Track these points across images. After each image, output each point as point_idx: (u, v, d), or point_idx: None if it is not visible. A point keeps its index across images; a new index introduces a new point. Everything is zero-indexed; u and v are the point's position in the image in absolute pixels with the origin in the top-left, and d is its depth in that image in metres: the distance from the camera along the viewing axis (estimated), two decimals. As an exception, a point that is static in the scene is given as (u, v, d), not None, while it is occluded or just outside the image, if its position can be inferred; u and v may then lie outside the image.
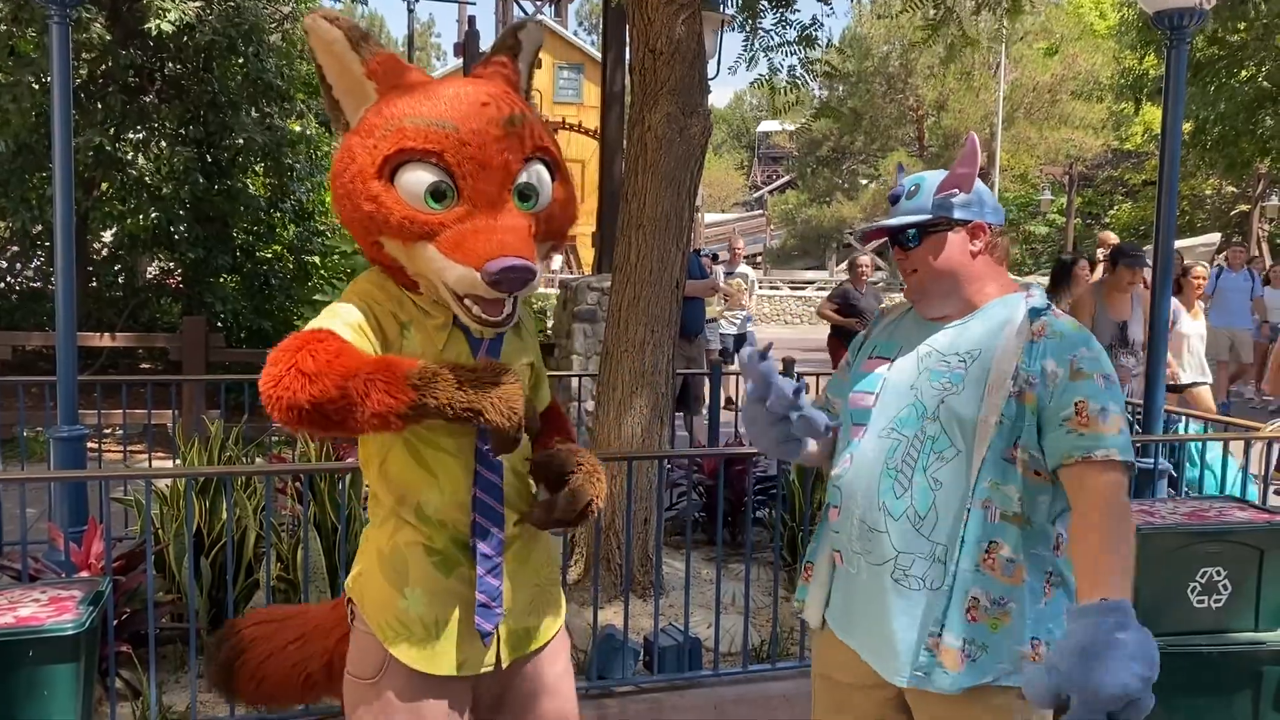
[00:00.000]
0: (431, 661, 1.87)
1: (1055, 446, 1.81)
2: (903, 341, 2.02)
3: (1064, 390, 1.82)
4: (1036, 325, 1.88)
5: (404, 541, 1.89)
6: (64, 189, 3.98)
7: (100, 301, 9.66)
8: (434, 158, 1.76)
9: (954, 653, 1.82)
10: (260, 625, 2.24)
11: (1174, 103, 4.18)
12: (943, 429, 1.87)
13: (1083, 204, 35.15)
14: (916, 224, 1.96)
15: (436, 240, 1.76)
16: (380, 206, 1.77)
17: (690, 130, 4.25)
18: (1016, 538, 1.84)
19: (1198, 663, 3.43)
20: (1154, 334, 4.30)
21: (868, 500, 1.92)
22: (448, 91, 1.83)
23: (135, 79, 9.03)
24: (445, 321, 1.88)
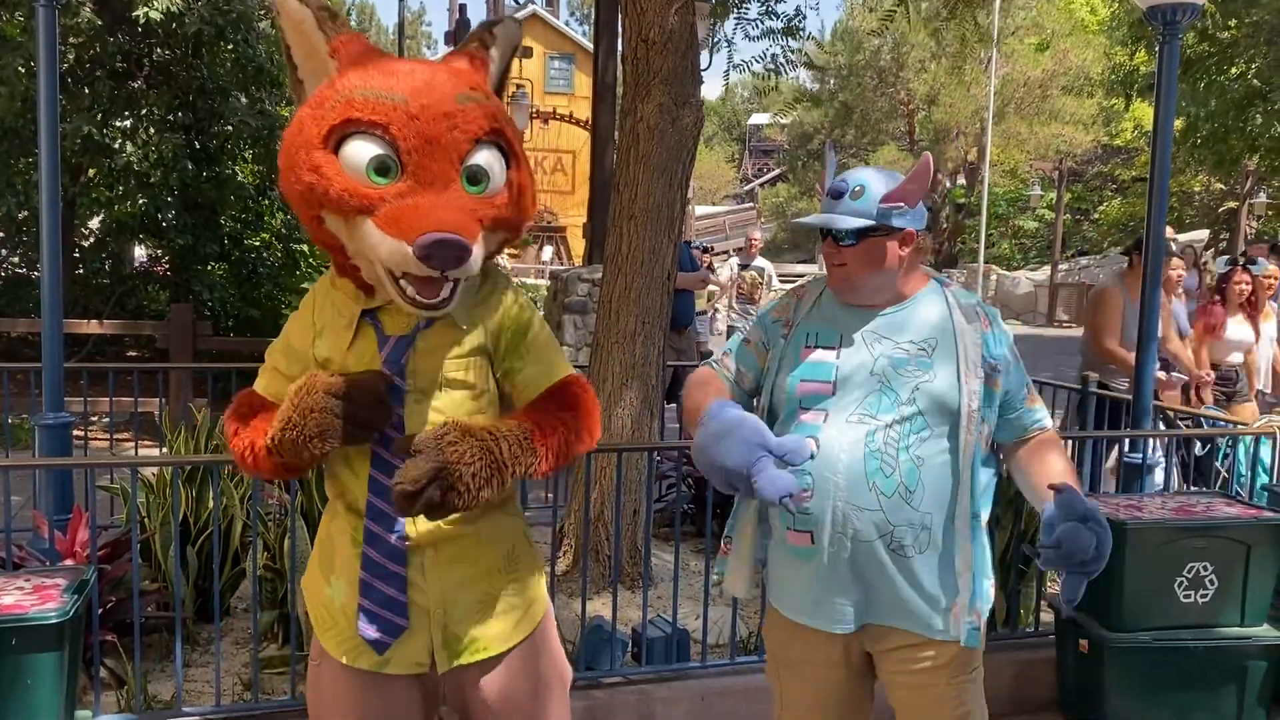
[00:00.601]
0: (352, 655, 1.85)
1: (1019, 422, 2.18)
2: (842, 329, 2.16)
3: (1018, 373, 2.17)
4: (983, 316, 2.15)
5: (336, 530, 1.89)
6: (50, 175, 3.94)
7: (87, 288, 9.61)
8: (380, 129, 1.70)
9: (979, 612, 2.10)
10: None
11: (1165, 98, 4.19)
12: (919, 412, 2.06)
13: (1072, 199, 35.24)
14: (857, 229, 2.09)
15: (375, 215, 1.70)
16: (321, 177, 1.71)
17: (682, 121, 4.24)
18: (988, 503, 2.16)
19: (1184, 658, 3.45)
20: (1143, 331, 4.30)
21: (853, 482, 2.04)
22: (402, 67, 1.80)
23: (123, 65, 8.97)
24: (351, 319, 1.83)
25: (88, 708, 2.96)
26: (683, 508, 4.85)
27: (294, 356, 1.90)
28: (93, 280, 9.78)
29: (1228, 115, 14.52)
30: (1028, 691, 3.82)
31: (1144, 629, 3.44)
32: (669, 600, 3.70)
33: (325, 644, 1.87)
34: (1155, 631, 3.45)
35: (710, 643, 3.71)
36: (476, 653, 1.90)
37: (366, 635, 1.82)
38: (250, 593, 3.41)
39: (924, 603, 2.09)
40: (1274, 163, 17.23)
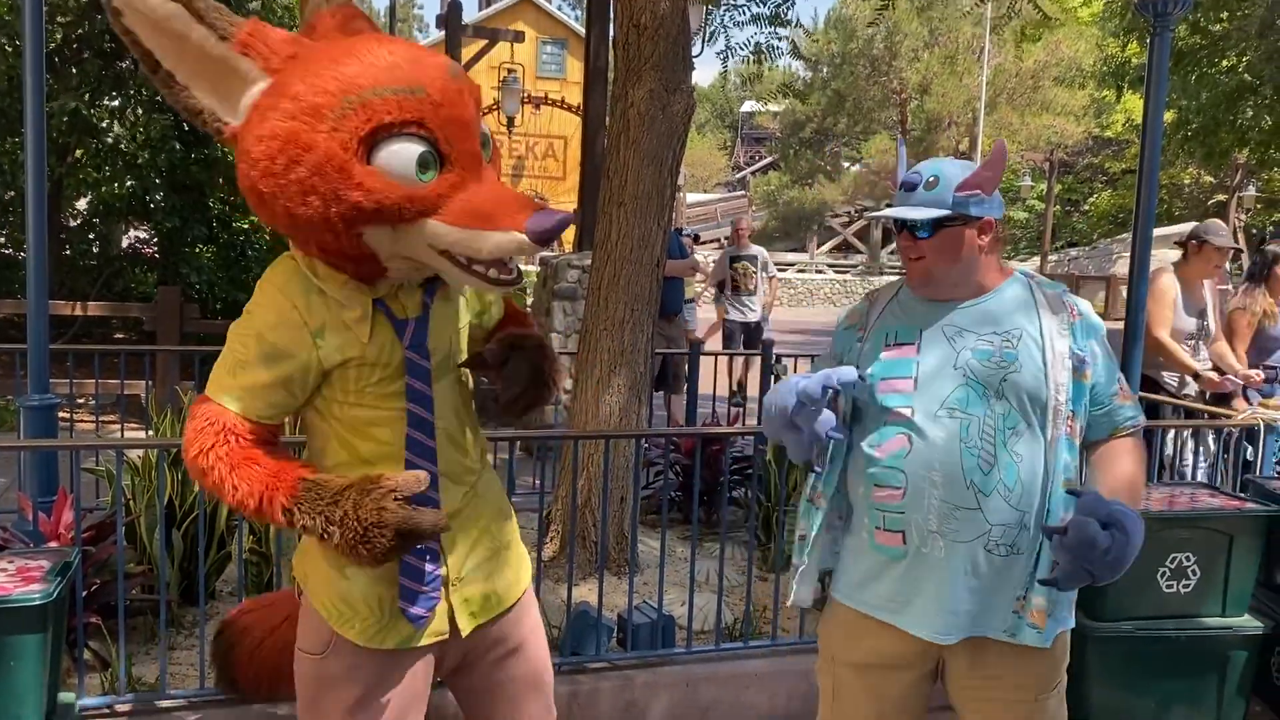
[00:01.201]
0: (377, 638, 1.86)
1: (1109, 419, 2.09)
2: (920, 324, 2.12)
3: (1109, 367, 2.09)
4: (1069, 307, 2.09)
5: None
6: (36, 155, 3.91)
7: (74, 270, 9.55)
8: (414, 127, 1.62)
9: (1040, 612, 2.02)
10: (248, 614, 2.24)
11: (1156, 90, 4.19)
12: (1012, 406, 2.02)
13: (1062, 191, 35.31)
14: (932, 220, 2.05)
15: (440, 214, 1.66)
16: (371, 192, 1.61)
17: (673, 107, 4.23)
18: (1071, 503, 2.00)
19: (1166, 647, 3.47)
20: (1129, 323, 4.32)
21: (951, 480, 2.00)
22: (384, 54, 1.66)
23: (111, 44, 8.89)
24: (365, 312, 1.79)
25: (71, 690, 2.95)
26: (670, 495, 4.86)
27: (280, 364, 1.76)
28: (80, 261, 9.71)
29: (1218, 108, 14.56)
30: (1011, 680, 3.84)
31: (1126, 619, 3.46)
32: (655, 587, 3.71)
33: (346, 634, 1.85)
34: (1138, 621, 3.47)
35: (696, 629, 3.73)
36: (493, 609, 1.98)
37: (411, 614, 1.85)
38: (235, 576, 3.40)
39: (1014, 609, 2.03)
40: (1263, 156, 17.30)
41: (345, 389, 1.81)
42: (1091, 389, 2.05)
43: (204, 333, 8.27)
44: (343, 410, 1.82)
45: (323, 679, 1.89)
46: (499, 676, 2.04)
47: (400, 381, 1.82)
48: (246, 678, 2.21)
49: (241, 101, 1.67)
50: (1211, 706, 3.54)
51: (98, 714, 3.02)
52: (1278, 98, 13.95)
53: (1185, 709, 3.54)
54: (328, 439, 1.85)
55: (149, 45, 1.63)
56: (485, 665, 2.03)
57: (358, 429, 1.83)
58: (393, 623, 1.86)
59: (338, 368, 1.78)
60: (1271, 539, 3.61)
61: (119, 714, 3.04)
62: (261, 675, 2.21)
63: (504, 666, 2.04)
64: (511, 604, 2.03)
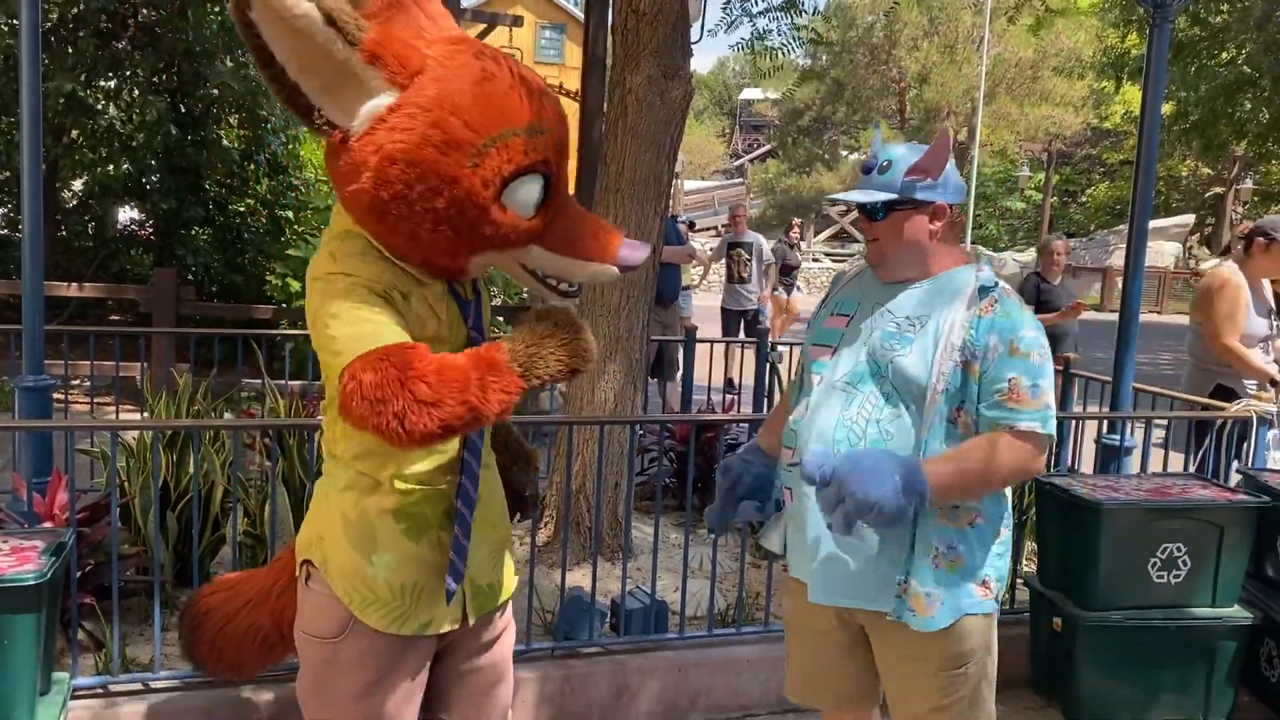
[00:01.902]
0: (398, 624, 1.88)
1: (988, 416, 2.06)
2: (861, 299, 2.23)
3: (1000, 365, 2.04)
4: (985, 301, 2.08)
5: (373, 509, 1.87)
6: (32, 135, 3.89)
7: (69, 251, 9.52)
8: (542, 166, 1.73)
9: (921, 598, 2.08)
10: (214, 595, 2.26)
11: (1155, 82, 4.18)
12: (894, 387, 2.09)
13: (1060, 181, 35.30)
14: (883, 202, 2.13)
15: (543, 240, 1.78)
16: (500, 228, 1.72)
17: (671, 94, 4.22)
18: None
19: (1155, 637, 3.50)
20: (1124, 317, 4.32)
21: (821, 446, 2.10)
22: (512, 88, 1.70)
23: (108, 25, 8.85)
24: (443, 289, 1.85)
25: (65, 670, 2.96)
26: (664, 481, 4.86)
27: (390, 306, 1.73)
28: (75, 243, 9.69)
29: (1217, 100, 14.55)
30: (1000, 668, 3.83)
31: (1116, 608, 3.48)
32: (648, 572, 3.72)
33: (368, 620, 1.86)
34: (1128, 611, 3.49)
35: (688, 615, 3.74)
36: (492, 601, 2.02)
37: (450, 588, 1.89)
38: (229, 558, 3.41)
39: (898, 593, 2.11)
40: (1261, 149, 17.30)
41: None
42: (980, 383, 2.06)
43: (200, 315, 8.26)
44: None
45: (334, 663, 1.89)
46: (469, 666, 2.05)
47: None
48: (210, 658, 2.23)
49: (361, 109, 1.67)
50: (1200, 696, 3.57)
51: (91, 694, 3.03)
52: (1276, 90, 13.94)
53: (1174, 698, 3.56)
54: None
55: (268, 38, 1.59)
56: (461, 655, 2.04)
57: None
58: (414, 609, 1.88)
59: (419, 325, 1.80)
60: (1262, 530, 3.63)
61: (112, 694, 3.05)
62: (225, 658, 2.23)
63: (477, 658, 2.06)
64: (504, 600, 2.07)
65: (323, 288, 1.73)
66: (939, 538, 2.10)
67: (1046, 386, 2.06)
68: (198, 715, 3.06)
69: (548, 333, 1.73)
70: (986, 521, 2.14)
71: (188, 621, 2.25)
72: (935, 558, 2.09)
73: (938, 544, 2.09)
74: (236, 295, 9.39)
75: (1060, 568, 3.65)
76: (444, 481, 1.89)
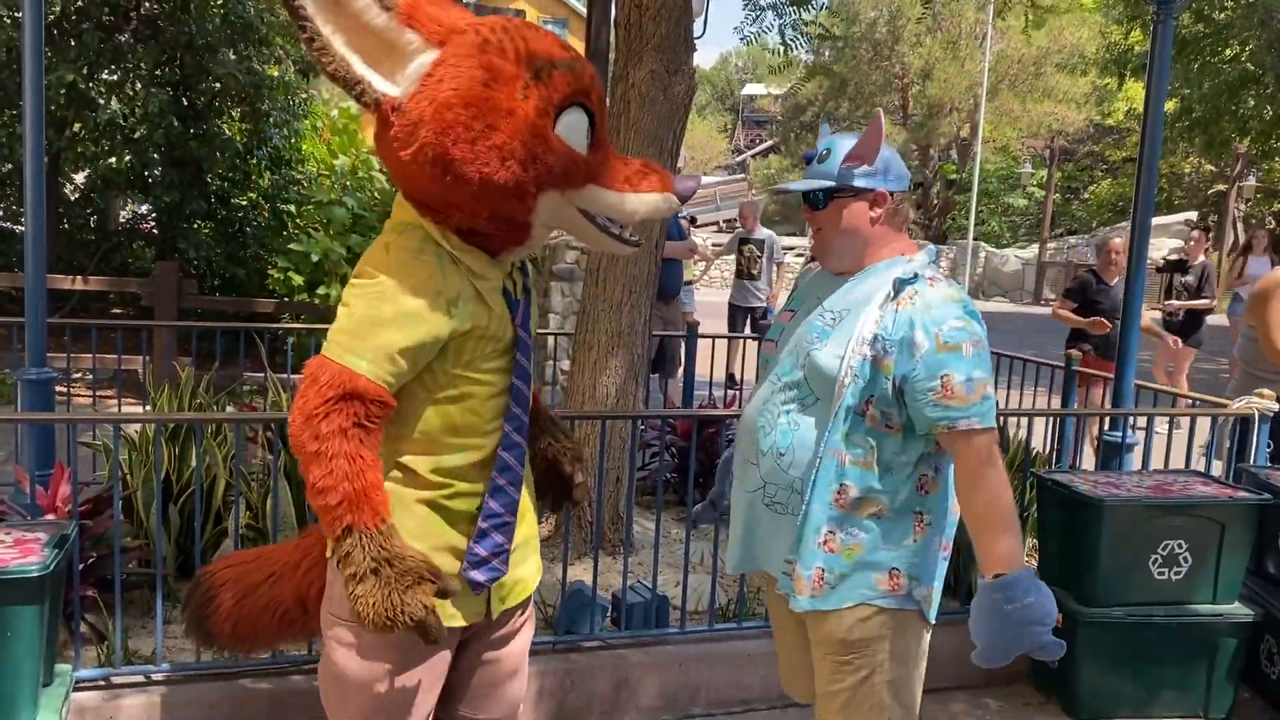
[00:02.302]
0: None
1: (922, 416, 2.01)
2: (808, 295, 2.23)
3: (930, 363, 1.98)
4: (904, 294, 2.04)
5: (410, 497, 1.88)
6: (34, 127, 3.89)
7: (71, 244, 9.54)
8: (583, 98, 1.77)
9: (803, 580, 2.09)
10: (231, 568, 2.23)
11: (1158, 78, 4.18)
12: (805, 378, 2.09)
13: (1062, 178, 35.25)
14: (820, 190, 2.12)
15: (599, 180, 1.81)
16: (561, 159, 1.75)
17: (674, 89, 4.21)
18: (866, 478, 2.06)
19: (1156, 633, 3.50)
20: (1127, 313, 4.32)
21: (748, 437, 2.18)
22: (544, 34, 1.80)
23: (110, 18, 8.84)
24: (497, 284, 1.85)
25: (68, 662, 2.97)
26: (665, 476, 4.87)
27: (416, 328, 1.74)
28: (77, 236, 9.70)
29: (1220, 97, 14.52)
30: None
31: (1117, 604, 3.48)
32: (650, 567, 3.73)
33: None
34: (1128, 607, 3.49)
35: (689, 610, 3.74)
36: (518, 595, 2.02)
37: (471, 578, 1.87)
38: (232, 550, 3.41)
39: (784, 569, 2.14)
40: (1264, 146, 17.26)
41: (458, 358, 1.81)
42: (902, 381, 2.00)
43: (202, 308, 8.27)
44: (448, 379, 1.83)
45: (357, 648, 1.90)
46: (487, 658, 2.06)
47: (507, 357, 1.87)
48: (224, 632, 2.21)
49: (406, 71, 1.73)
50: (1200, 693, 3.58)
51: (93, 686, 3.03)
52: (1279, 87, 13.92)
53: (1174, 695, 3.57)
54: (423, 405, 1.84)
55: (313, 13, 1.66)
56: (480, 646, 2.04)
57: (458, 399, 1.84)
58: (441, 600, 1.87)
59: (457, 337, 1.79)
60: (1263, 527, 3.64)
61: (114, 686, 3.06)
62: (240, 632, 2.20)
63: (496, 650, 2.06)
64: (527, 596, 2.07)
65: (360, 284, 1.78)
66: (831, 521, 2.07)
67: (981, 378, 1.99)
68: (199, 707, 3.06)
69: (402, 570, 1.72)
70: (895, 516, 2.08)
71: (200, 595, 2.21)
72: (826, 541, 2.07)
73: (829, 527, 2.07)
74: (239, 289, 9.40)
75: (1061, 564, 3.65)
76: (480, 479, 1.89)
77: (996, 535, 1.97)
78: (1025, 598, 1.89)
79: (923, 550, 2.11)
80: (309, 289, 8.00)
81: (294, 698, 3.12)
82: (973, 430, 1.98)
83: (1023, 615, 1.89)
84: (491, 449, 1.88)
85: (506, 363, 1.87)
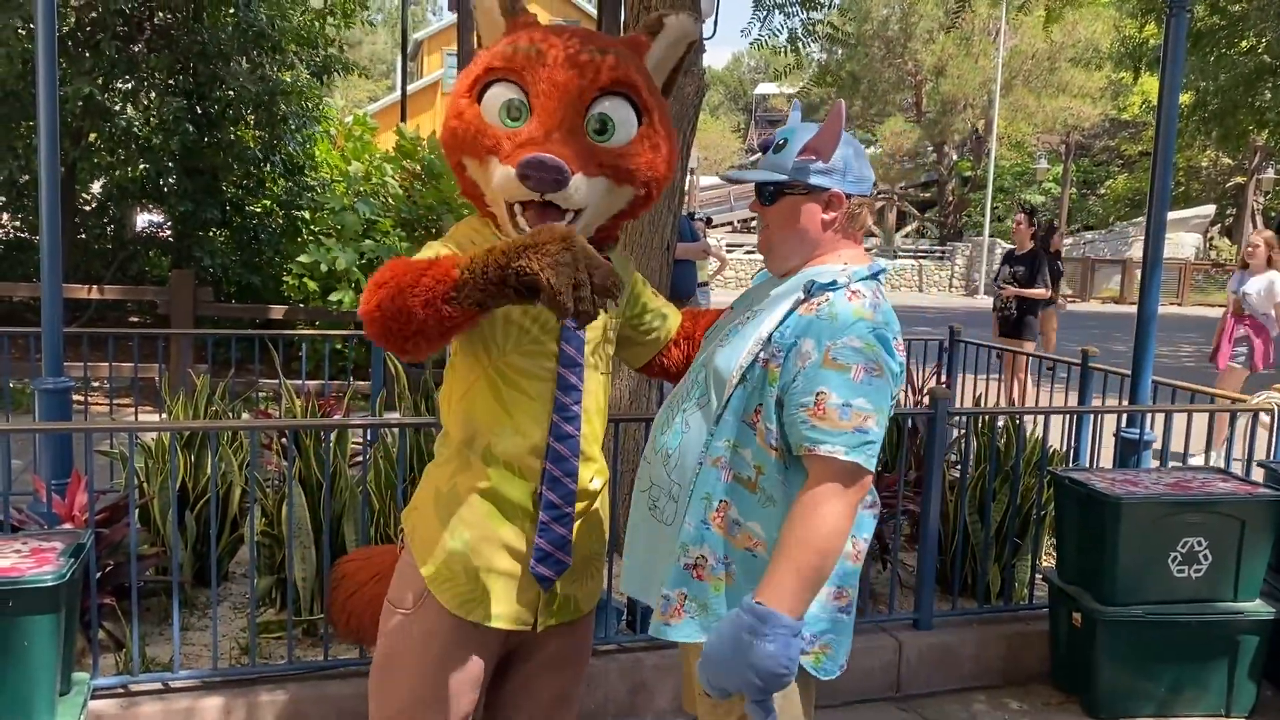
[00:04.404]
0: (466, 607, 1.90)
1: (791, 430, 1.77)
2: (744, 297, 2.06)
3: (810, 376, 1.74)
4: (815, 299, 1.81)
5: (463, 485, 1.91)
6: (49, 139, 3.91)
7: (88, 253, 9.59)
8: (514, 75, 1.83)
9: (661, 600, 1.87)
10: (349, 563, 2.35)
11: (1171, 71, 4.14)
12: (700, 380, 1.93)
13: (1078, 173, 35.05)
14: (772, 183, 1.91)
15: (500, 154, 1.82)
16: (462, 121, 1.87)
17: (684, 90, 4.19)
18: (748, 503, 1.82)
19: (1176, 632, 3.47)
20: (1142, 309, 4.29)
21: (653, 435, 2.01)
22: (555, 31, 1.90)
23: (124, 28, 8.90)
24: None
25: (86, 670, 2.98)
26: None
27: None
28: (94, 245, 9.75)
29: (1236, 90, 14.41)
30: (1020, 663, 3.84)
31: (1136, 603, 3.45)
32: (664, 570, 3.71)
33: (437, 594, 1.90)
34: (1148, 606, 3.46)
35: (705, 612, 3.73)
36: (568, 613, 2.01)
37: (540, 573, 1.91)
38: (249, 559, 3.42)
39: (648, 577, 1.95)
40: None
41: (506, 337, 1.88)
42: (782, 390, 1.78)
43: (217, 316, 8.31)
44: (499, 358, 1.89)
45: (406, 634, 1.93)
46: (537, 674, 2.06)
47: (554, 345, 1.90)
48: (340, 622, 2.31)
49: None
50: (1222, 691, 3.54)
51: (111, 693, 3.05)
52: (1297, 79, 13.81)
53: (1196, 693, 3.53)
54: (478, 378, 1.90)
55: (480, 25, 2.00)
56: (529, 661, 2.04)
57: (508, 377, 1.89)
58: (484, 596, 1.89)
59: (498, 320, 1.85)
60: (1284, 524, 3.60)
61: (132, 693, 3.07)
62: (350, 625, 2.30)
63: (545, 668, 2.06)
64: (581, 616, 2.06)
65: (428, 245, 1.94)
66: (705, 545, 1.83)
67: (863, 408, 1.72)
68: (217, 714, 3.07)
69: (526, 240, 1.59)
70: (769, 554, 1.77)
71: (330, 587, 2.34)
72: (696, 565, 1.83)
73: (700, 551, 1.83)
74: (254, 295, 9.43)
75: (1079, 563, 3.62)
76: (527, 466, 1.90)
77: (792, 574, 1.69)
78: (766, 640, 1.65)
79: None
80: (322, 295, 8.02)
81: (312, 705, 3.13)
82: (832, 458, 1.70)
83: (753, 656, 1.65)
84: (541, 438, 1.90)
85: (551, 351, 1.90)
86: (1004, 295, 8.36)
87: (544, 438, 1.90)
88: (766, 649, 1.64)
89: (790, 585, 1.69)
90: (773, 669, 1.65)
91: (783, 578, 1.69)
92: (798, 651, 1.69)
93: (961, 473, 4.06)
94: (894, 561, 3.89)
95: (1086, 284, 27.57)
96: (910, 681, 3.72)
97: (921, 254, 32.43)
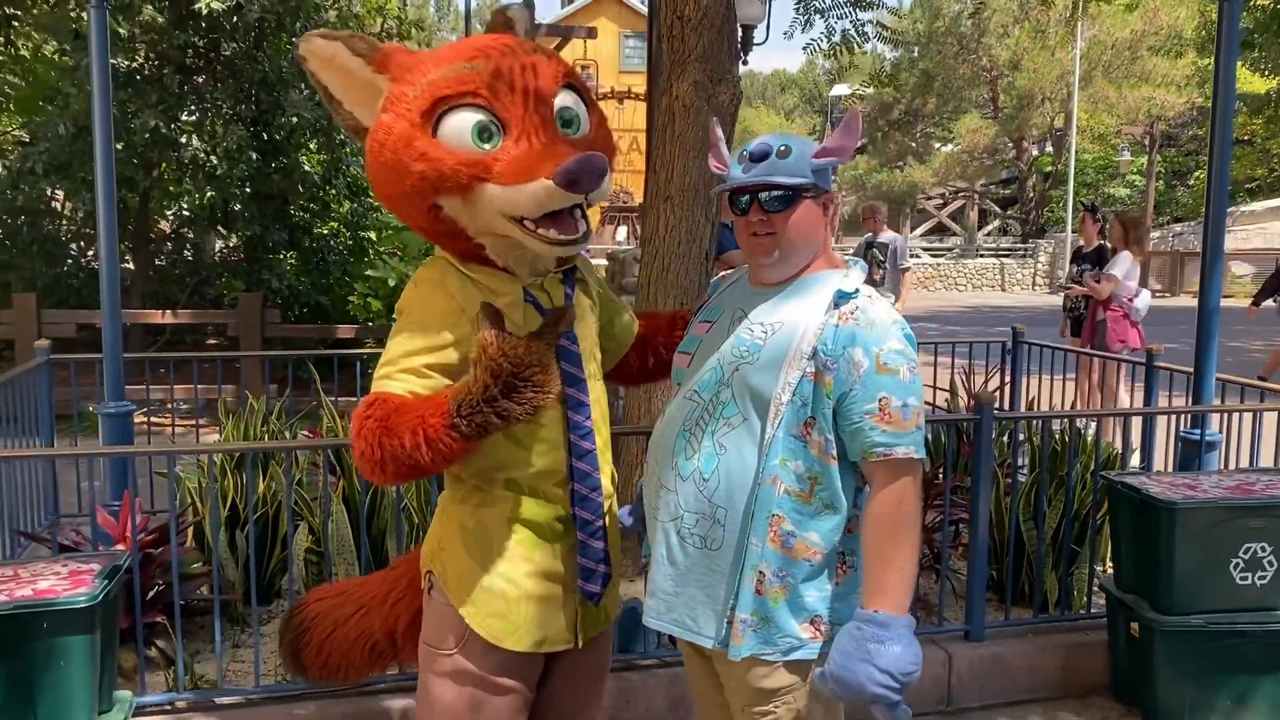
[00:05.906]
0: (513, 637, 1.89)
1: (857, 440, 1.85)
2: (727, 305, 2.04)
3: (869, 384, 1.83)
4: (845, 308, 1.88)
5: (489, 517, 1.90)
6: (104, 171, 4.06)
7: (165, 279, 9.91)
8: (471, 97, 1.75)
9: (737, 624, 1.89)
10: (322, 601, 2.29)
11: (1226, 59, 3.98)
12: (734, 398, 1.90)
13: (1165, 163, 33.95)
14: (794, 187, 1.91)
15: (494, 176, 1.74)
16: (431, 161, 1.74)
17: (719, 98, 4.17)
18: (800, 513, 1.87)
19: (1241, 642, 3.32)
20: (1203, 304, 4.12)
21: (662, 460, 1.99)
22: (464, 44, 1.85)
23: (191, 60, 9.18)
24: (516, 298, 1.87)
25: (134, 687, 3.06)
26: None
27: (443, 350, 1.81)
28: (172, 271, 10.08)
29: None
30: (1078, 674, 3.72)
31: (1196, 612, 3.31)
32: (706, 582, 3.67)
33: (481, 630, 1.88)
34: (1209, 615, 3.31)
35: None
36: (599, 624, 2.02)
37: (587, 590, 1.94)
38: (297, 575, 3.48)
39: (706, 606, 1.94)
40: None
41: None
42: (839, 400, 1.84)
43: (286, 337, 8.51)
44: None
45: (449, 675, 1.92)
46: (568, 686, 2.06)
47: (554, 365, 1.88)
48: (315, 665, 2.24)
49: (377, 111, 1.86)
50: (1292, 704, 3.37)
51: (159, 710, 3.13)
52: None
53: (1264, 707, 3.37)
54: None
55: (324, 83, 1.90)
56: (562, 674, 2.05)
57: None
58: (527, 624, 1.90)
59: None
60: (1355, 527, 3.41)
61: (178, 710, 3.15)
62: (331, 665, 2.24)
63: (576, 680, 2.07)
64: (610, 624, 2.07)
65: (397, 321, 1.88)
66: (765, 560, 1.88)
67: (915, 405, 1.85)
68: (259, 730, 3.13)
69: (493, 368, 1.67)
70: (824, 559, 1.90)
71: (292, 629, 2.27)
72: (758, 581, 1.88)
73: (761, 566, 1.88)
74: (324, 316, 9.65)
75: (1136, 571, 3.48)
76: (552, 489, 1.91)
77: (895, 575, 1.82)
78: (893, 644, 1.75)
79: (845, 594, 1.93)
80: (387, 313, 8.17)
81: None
82: (910, 459, 1.83)
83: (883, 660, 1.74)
84: (561, 460, 1.90)
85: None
86: (1072, 294, 8.10)
87: (564, 460, 1.91)
88: (894, 651, 1.75)
89: (897, 586, 1.81)
90: (904, 668, 1.75)
91: (889, 581, 1.81)
92: (919, 646, 1.79)
93: (1013, 479, 3.95)
94: (944, 570, 3.79)
95: (1175, 278, 26.64)
96: (961, 694, 3.62)
97: (1004, 252, 31.73)
